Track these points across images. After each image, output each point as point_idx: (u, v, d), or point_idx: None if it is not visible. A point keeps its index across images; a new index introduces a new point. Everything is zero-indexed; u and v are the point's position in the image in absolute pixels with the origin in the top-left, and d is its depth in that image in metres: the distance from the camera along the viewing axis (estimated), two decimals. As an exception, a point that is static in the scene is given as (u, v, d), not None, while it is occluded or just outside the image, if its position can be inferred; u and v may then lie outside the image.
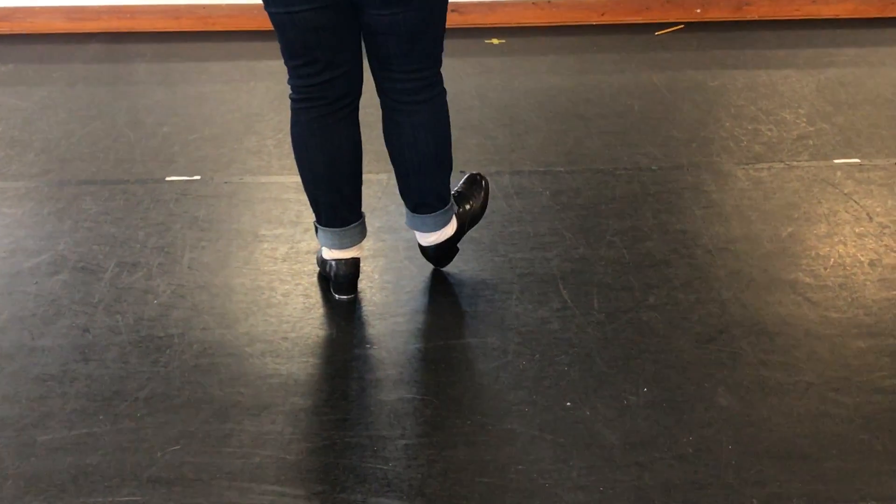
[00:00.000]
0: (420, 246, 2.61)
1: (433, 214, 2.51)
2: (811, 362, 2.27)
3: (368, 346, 2.35)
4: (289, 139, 3.42)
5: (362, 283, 2.58)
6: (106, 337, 2.37)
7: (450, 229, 2.57)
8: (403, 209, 2.58)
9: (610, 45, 4.36)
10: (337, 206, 2.43)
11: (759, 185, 3.07)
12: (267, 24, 4.55)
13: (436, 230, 2.54)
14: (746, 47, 4.34)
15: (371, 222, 2.85)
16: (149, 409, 2.13)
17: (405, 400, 2.16)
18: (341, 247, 2.49)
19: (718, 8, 4.65)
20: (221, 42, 4.46)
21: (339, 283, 2.53)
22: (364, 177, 3.01)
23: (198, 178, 3.15)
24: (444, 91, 2.41)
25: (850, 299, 2.49)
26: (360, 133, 2.41)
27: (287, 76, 2.33)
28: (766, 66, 4.08)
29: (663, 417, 2.11)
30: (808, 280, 2.58)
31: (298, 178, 3.12)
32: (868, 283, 2.56)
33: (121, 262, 2.68)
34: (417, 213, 2.52)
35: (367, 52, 2.33)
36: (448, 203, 2.53)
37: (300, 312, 2.46)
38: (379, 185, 3.07)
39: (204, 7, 4.55)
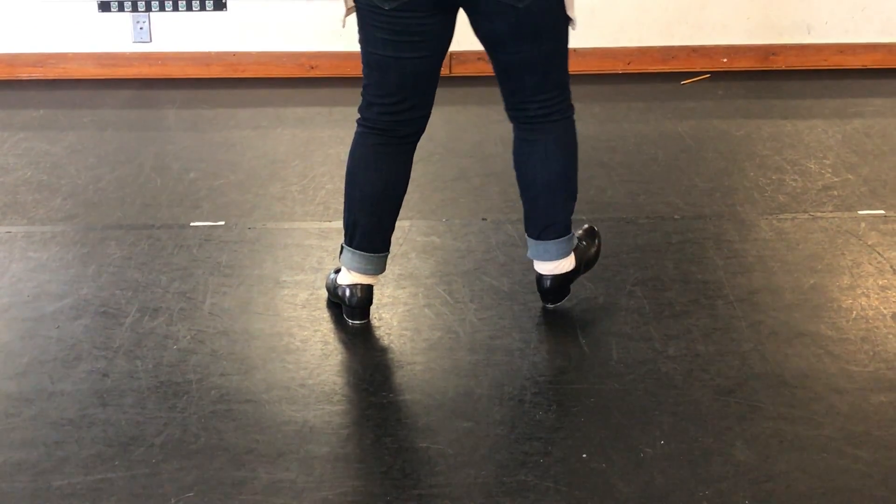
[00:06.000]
0: (537, 278, 2.66)
1: (557, 241, 2.59)
2: (831, 416, 2.24)
3: (385, 393, 2.35)
4: (312, 185, 3.47)
5: (380, 331, 2.59)
6: (125, 382, 2.38)
7: (568, 263, 2.64)
8: (518, 240, 2.74)
9: (635, 93, 4.37)
10: (375, 232, 2.55)
11: (783, 235, 3.06)
12: (295, 72, 4.60)
13: (558, 258, 2.61)
14: (772, 97, 4.33)
15: (391, 269, 2.86)
16: (164, 455, 2.14)
17: (420, 449, 2.16)
18: (364, 272, 2.57)
19: (745, 57, 4.65)
20: (250, 89, 4.51)
21: (353, 308, 2.60)
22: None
23: (222, 223, 3.18)
24: (573, 115, 2.58)
25: (871, 353, 2.47)
26: (411, 168, 2.57)
27: (362, 104, 2.50)
28: (792, 116, 4.08)
29: (680, 471, 2.09)
30: (829, 333, 2.56)
31: (321, 225, 3.14)
32: (891, 336, 2.54)
33: (143, 306, 2.70)
34: (542, 239, 2.60)
35: (499, 84, 2.52)
36: (570, 233, 2.62)
37: (318, 359, 2.47)
38: (401, 232, 3.08)
39: (234, 55, 4.61)
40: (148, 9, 4.55)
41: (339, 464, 2.11)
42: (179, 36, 4.59)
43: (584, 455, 2.14)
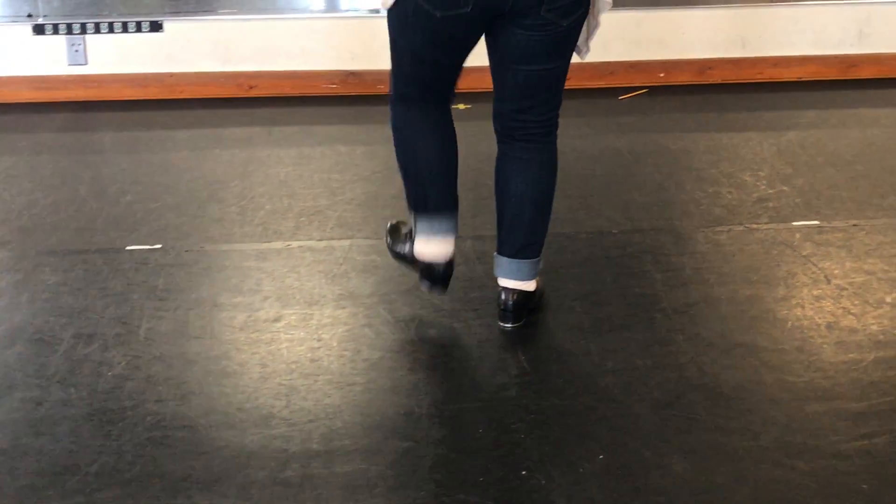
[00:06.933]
0: (502, 297, 2.64)
1: (531, 261, 2.61)
2: (767, 427, 2.26)
3: (323, 416, 2.33)
4: (251, 206, 3.44)
5: (320, 352, 2.57)
6: (59, 410, 2.34)
7: (533, 284, 2.65)
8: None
9: (574, 109, 4.35)
10: (445, 192, 2.58)
11: (719, 248, 3.08)
12: (233, 92, 4.57)
13: (529, 279, 2.63)
14: (709, 110, 4.38)
15: (331, 289, 2.85)
16: (99, 484, 2.10)
17: (359, 471, 2.14)
18: (446, 233, 2.58)
19: (681, 72, 4.70)
20: (188, 110, 4.47)
21: (436, 282, 2.64)
22: (327, 242, 3.01)
23: (158, 246, 3.14)
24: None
25: (806, 363, 2.50)
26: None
27: (393, 95, 2.57)
28: (727, 129, 4.12)
29: (619, 485, 2.09)
30: (765, 343, 2.58)
31: (259, 246, 3.12)
32: (825, 346, 2.57)
33: (77, 333, 2.66)
34: (518, 257, 2.61)
35: (506, 102, 2.55)
36: (541, 255, 2.65)
37: (256, 383, 2.44)
38: (341, 251, 3.07)
39: (171, 75, 4.57)
40: (83, 31, 4.50)
41: (278, 488, 2.09)
42: (115, 58, 4.54)
43: (524, 472, 2.13)
